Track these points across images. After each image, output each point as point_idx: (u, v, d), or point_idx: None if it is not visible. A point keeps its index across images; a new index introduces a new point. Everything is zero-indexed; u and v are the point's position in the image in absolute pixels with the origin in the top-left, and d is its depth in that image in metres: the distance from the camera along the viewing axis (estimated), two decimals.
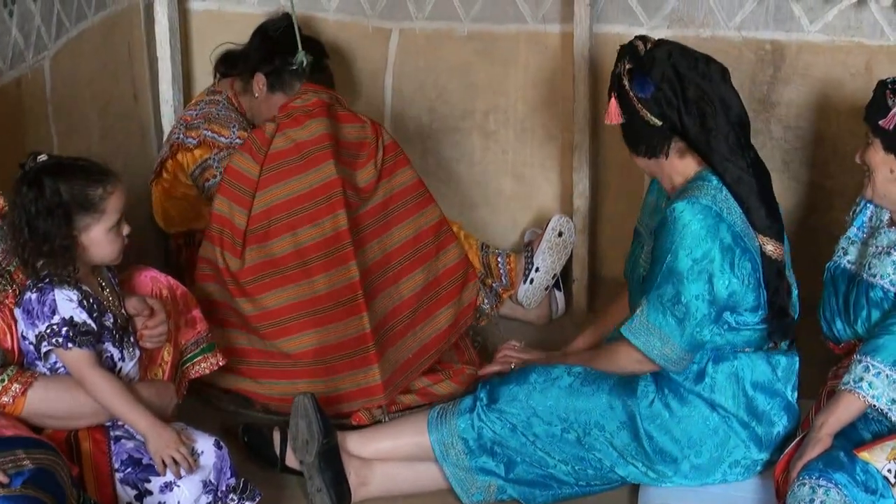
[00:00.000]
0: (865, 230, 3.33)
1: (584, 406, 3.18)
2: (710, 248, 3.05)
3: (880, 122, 3.11)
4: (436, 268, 3.77)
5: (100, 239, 2.86)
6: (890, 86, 3.14)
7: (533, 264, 4.20)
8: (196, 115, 4.13)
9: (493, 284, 4.21)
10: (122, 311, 2.99)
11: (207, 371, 3.30)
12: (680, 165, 3.19)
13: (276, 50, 4.11)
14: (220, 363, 3.32)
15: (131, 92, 4.45)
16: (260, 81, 4.12)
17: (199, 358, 3.27)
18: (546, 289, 4.24)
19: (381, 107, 4.59)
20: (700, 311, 3.08)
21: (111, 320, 2.92)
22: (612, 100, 3.17)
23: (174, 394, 3.10)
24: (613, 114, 3.18)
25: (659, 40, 3.18)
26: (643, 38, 3.17)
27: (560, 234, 4.22)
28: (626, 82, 3.13)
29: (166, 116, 4.46)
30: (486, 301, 4.18)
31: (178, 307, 3.22)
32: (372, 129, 3.71)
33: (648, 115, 3.12)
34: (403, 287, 3.67)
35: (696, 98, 3.09)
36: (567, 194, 4.40)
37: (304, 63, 4.05)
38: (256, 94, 4.14)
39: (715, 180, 3.12)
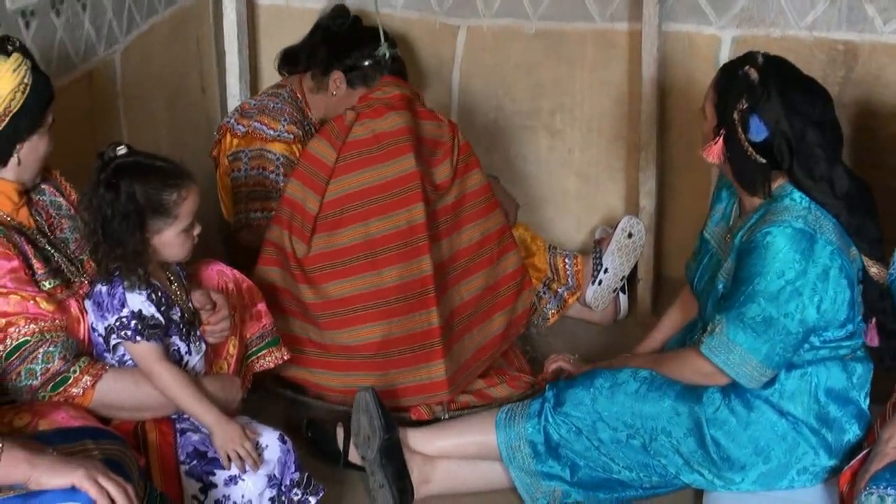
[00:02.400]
0: None
1: (649, 412, 3.14)
2: (803, 269, 2.98)
3: None
4: (495, 273, 3.75)
5: (171, 241, 2.87)
6: None
7: (602, 265, 4.17)
8: (254, 105, 4.10)
9: (559, 290, 4.18)
10: (190, 305, 3.00)
11: (272, 365, 3.31)
12: None
13: (348, 46, 4.06)
14: (285, 357, 3.32)
15: (199, 85, 4.49)
16: (338, 79, 4.05)
17: (264, 352, 3.28)
18: (614, 291, 4.20)
19: (448, 103, 4.58)
20: (787, 330, 3.00)
21: (178, 314, 2.93)
22: (720, 140, 3.05)
23: (239, 388, 3.11)
24: (715, 153, 3.07)
25: (766, 61, 3.04)
26: (752, 61, 3.03)
27: (630, 236, 4.17)
28: (737, 122, 3.01)
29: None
30: (549, 305, 4.16)
31: (243, 301, 3.23)
32: (449, 128, 3.70)
33: (755, 154, 3.03)
34: (464, 289, 3.66)
35: (811, 146, 3.00)
36: (632, 194, 4.37)
37: (387, 55, 4.00)
38: (334, 93, 4.07)
39: (798, 197, 3.05)
